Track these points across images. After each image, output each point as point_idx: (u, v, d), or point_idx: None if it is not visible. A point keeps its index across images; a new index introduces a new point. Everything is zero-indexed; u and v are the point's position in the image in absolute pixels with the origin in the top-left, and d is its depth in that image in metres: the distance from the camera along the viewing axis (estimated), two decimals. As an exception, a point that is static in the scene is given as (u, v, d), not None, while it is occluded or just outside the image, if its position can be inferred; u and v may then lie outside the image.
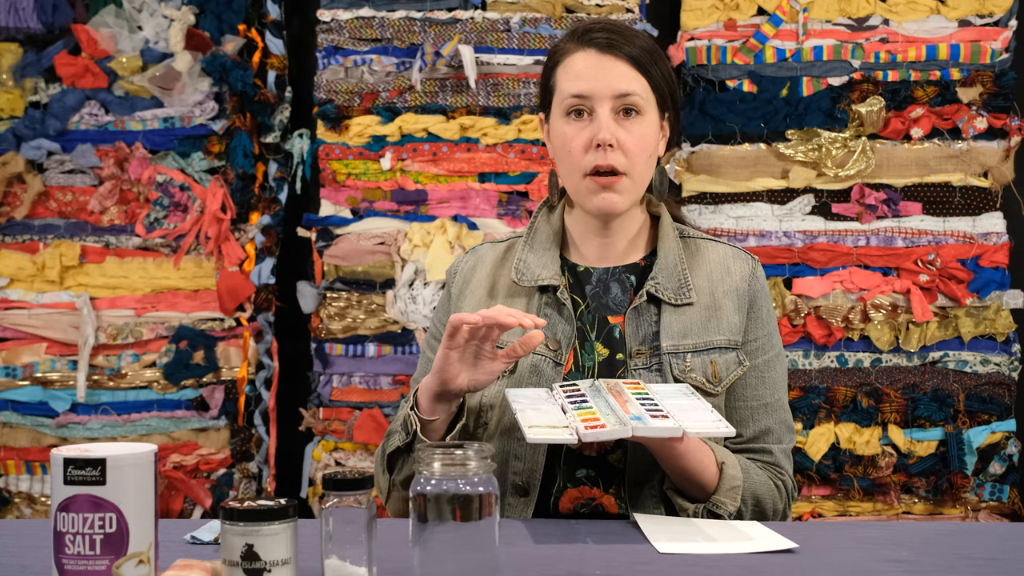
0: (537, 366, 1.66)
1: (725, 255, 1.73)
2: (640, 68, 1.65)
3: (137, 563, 1.06)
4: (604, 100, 1.64)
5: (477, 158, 3.02)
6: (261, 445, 3.08)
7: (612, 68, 1.65)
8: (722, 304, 1.68)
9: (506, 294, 1.72)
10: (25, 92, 3.11)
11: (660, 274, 1.69)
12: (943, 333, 2.95)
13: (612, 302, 1.70)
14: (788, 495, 1.69)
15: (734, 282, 1.70)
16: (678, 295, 1.67)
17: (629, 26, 1.72)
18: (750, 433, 1.68)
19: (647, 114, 1.66)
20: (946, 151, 2.97)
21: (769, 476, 1.66)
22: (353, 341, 3.04)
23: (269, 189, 3.11)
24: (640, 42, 1.67)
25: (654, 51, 1.68)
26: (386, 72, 3.05)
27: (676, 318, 1.67)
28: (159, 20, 3.08)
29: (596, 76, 1.64)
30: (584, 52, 1.66)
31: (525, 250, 1.74)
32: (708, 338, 1.66)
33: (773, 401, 1.70)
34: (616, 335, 1.68)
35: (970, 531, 1.67)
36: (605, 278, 1.72)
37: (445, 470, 1.14)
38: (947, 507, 2.96)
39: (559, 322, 1.68)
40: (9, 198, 3.11)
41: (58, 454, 1.07)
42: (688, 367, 1.64)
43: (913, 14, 2.97)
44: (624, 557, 1.32)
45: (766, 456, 1.68)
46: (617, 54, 1.65)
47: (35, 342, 3.10)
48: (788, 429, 1.72)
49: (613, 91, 1.64)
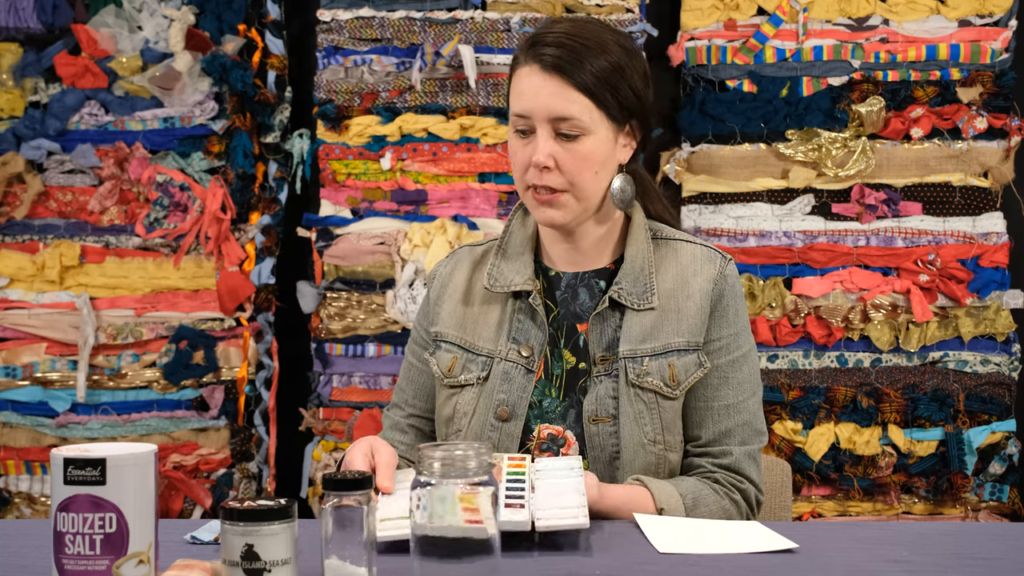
0: (508, 373, 1.66)
1: (695, 256, 1.69)
2: (584, 90, 1.58)
3: (137, 563, 1.06)
4: (543, 121, 1.59)
5: (477, 158, 3.02)
6: (261, 445, 3.09)
7: (552, 88, 1.58)
8: (683, 306, 1.65)
9: (481, 300, 1.72)
10: (25, 92, 3.11)
11: (624, 279, 1.66)
12: (943, 333, 2.95)
13: (580, 308, 1.69)
14: (750, 506, 1.65)
15: (699, 283, 1.66)
16: (641, 300, 1.65)
17: (589, 34, 1.61)
18: (709, 435, 1.64)
19: (593, 133, 1.60)
20: (946, 151, 2.97)
21: (722, 497, 1.62)
22: (353, 341, 3.04)
23: (269, 189, 3.11)
24: (592, 56, 1.59)
25: (611, 68, 1.59)
26: (386, 72, 3.05)
27: (637, 322, 1.64)
28: (159, 20, 3.08)
29: (536, 97, 1.59)
30: (529, 68, 1.61)
31: (499, 255, 1.73)
32: (667, 340, 1.63)
33: (736, 403, 1.65)
34: (580, 343, 1.67)
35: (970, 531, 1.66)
36: (574, 283, 1.70)
37: (445, 470, 1.14)
38: (947, 507, 2.96)
39: (532, 328, 1.67)
40: (9, 198, 3.11)
41: (58, 454, 1.07)
42: (644, 371, 1.61)
43: (913, 14, 2.97)
44: (624, 557, 1.32)
45: (725, 458, 1.63)
46: (560, 75, 1.58)
47: (35, 342, 3.10)
48: (755, 432, 1.66)
49: (549, 113, 1.59)
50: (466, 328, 1.71)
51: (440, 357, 1.72)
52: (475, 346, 1.69)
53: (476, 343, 1.69)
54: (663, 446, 1.62)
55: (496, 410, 1.65)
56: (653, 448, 1.61)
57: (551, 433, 1.64)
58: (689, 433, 1.66)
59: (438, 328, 1.74)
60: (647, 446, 1.61)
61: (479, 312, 1.71)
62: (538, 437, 1.64)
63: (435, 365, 1.72)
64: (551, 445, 1.64)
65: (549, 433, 1.64)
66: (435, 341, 1.74)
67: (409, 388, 1.79)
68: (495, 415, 1.64)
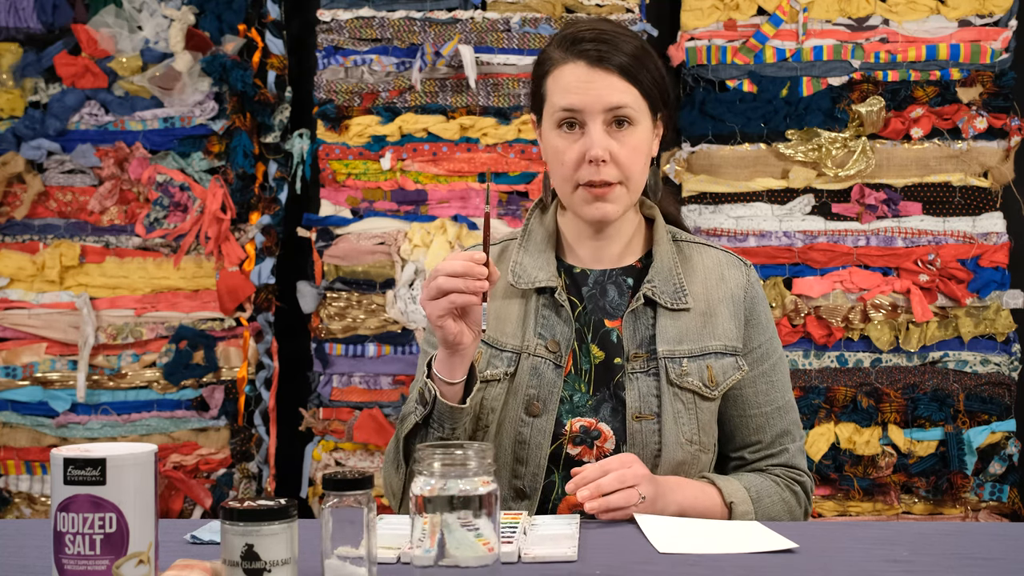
0: (537, 368, 1.66)
1: (719, 261, 1.74)
2: (630, 78, 1.63)
3: (137, 563, 1.06)
4: (595, 114, 1.62)
5: (477, 158, 3.02)
6: (261, 445, 3.08)
7: (602, 81, 1.63)
8: (717, 310, 1.69)
9: (503, 296, 1.72)
10: (25, 92, 3.11)
11: (656, 277, 1.69)
12: (943, 333, 2.95)
13: (609, 305, 1.70)
14: (807, 496, 1.73)
15: (729, 289, 1.70)
16: (674, 299, 1.68)
17: (618, 28, 1.68)
18: (768, 438, 1.71)
19: (640, 123, 1.65)
20: (946, 151, 2.97)
21: (783, 489, 1.69)
22: (353, 341, 3.04)
23: (269, 189, 3.11)
24: (629, 48, 1.64)
25: (643, 55, 1.66)
26: (386, 72, 3.05)
27: (672, 323, 1.67)
28: (159, 20, 3.08)
29: (587, 90, 1.62)
30: (574, 64, 1.64)
31: (520, 252, 1.73)
32: (704, 344, 1.67)
33: (784, 403, 1.73)
34: (613, 339, 1.68)
35: (970, 531, 1.67)
36: (602, 280, 1.72)
37: (445, 470, 1.14)
38: (947, 507, 2.96)
39: (557, 324, 1.68)
40: (9, 198, 3.11)
41: (58, 454, 1.07)
42: (684, 371, 1.65)
43: (913, 14, 2.97)
44: (624, 557, 1.32)
45: (784, 457, 1.71)
46: (607, 67, 1.62)
47: (35, 342, 3.10)
48: (799, 426, 1.76)
49: (604, 105, 1.62)
50: (488, 324, 1.71)
51: None
52: (499, 341, 1.69)
53: (500, 339, 1.69)
54: (698, 446, 1.65)
55: (527, 405, 1.65)
56: (689, 448, 1.64)
57: (583, 425, 1.65)
58: (747, 439, 1.72)
59: None
60: (684, 445, 1.63)
61: (501, 308, 1.71)
62: (570, 430, 1.65)
63: None
64: (585, 438, 1.65)
65: (581, 426, 1.65)
66: None
67: None
68: (525, 410, 1.64)
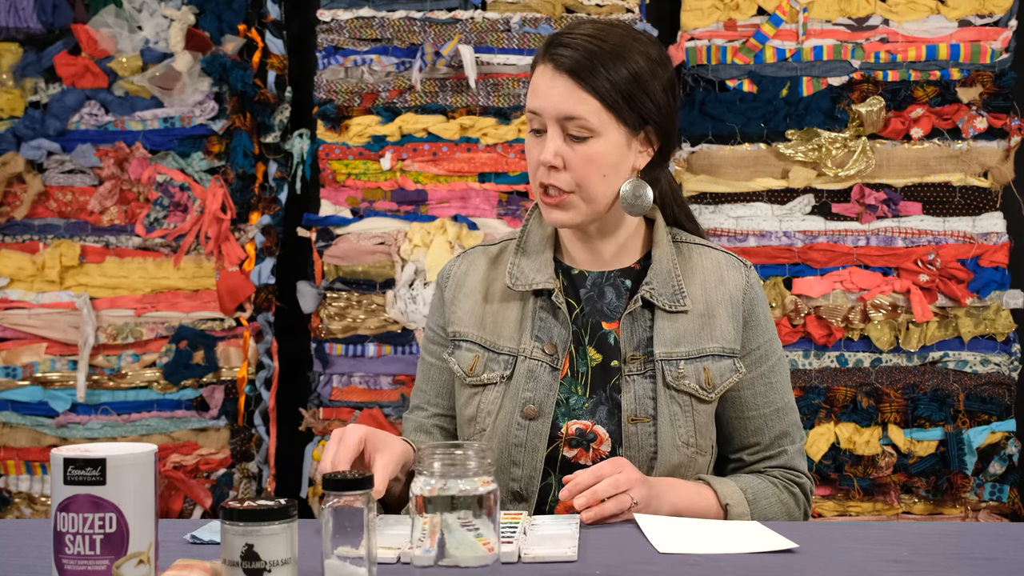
0: (534, 371, 1.66)
1: (718, 262, 1.73)
2: (594, 93, 1.58)
3: (137, 563, 1.06)
4: (552, 120, 1.61)
5: (477, 158, 3.02)
6: (261, 445, 3.08)
7: (561, 90, 1.59)
8: (716, 312, 1.68)
9: (501, 299, 1.72)
10: (25, 92, 3.11)
11: (655, 279, 1.68)
12: (943, 333, 2.95)
13: (607, 307, 1.70)
14: (806, 498, 1.72)
15: (728, 291, 1.70)
16: (673, 302, 1.67)
17: (614, 39, 1.61)
18: (767, 439, 1.71)
19: (602, 136, 1.61)
20: (946, 151, 2.97)
21: (781, 491, 1.68)
22: (353, 341, 3.04)
23: (269, 189, 3.11)
24: (609, 65, 1.58)
25: (629, 76, 1.59)
26: (386, 72, 3.05)
27: (669, 324, 1.66)
28: (159, 20, 3.08)
29: (546, 95, 1.61)
30: (544, 67, 1.63)
31: (518, 254, 1.73)
32: (701, 346, 1.66)
33: (783, 405, 1.71)
34: (610, 341, 1.68)
35: (970, 531, 1.67)
36: (600, 282, 1.71)
37: (445, 470, 1.14)
38: (947, 507, 2.96)
39: (555, 326, 1.68)
40: (9, 198, 3.11)
41: (58, 454, 1.07)
42: (681, 374, 1.64)
43: (913, 14, 2.97)
44: (624, 557, 1.32)
45: (783, 458, 1.70)
46: (570, 76, 1.59)
47: (35, 342, 3.10)
48: (799, 427, 1.74)
49: (557, 112, 1.60)
50: (486, 327, 1.71)
51: (460, 356, 1.71)
52: (496, 345, 1.69)
53: (497, 342, 1.69)
54: (694, 449, 1.65)
55: (523, 408, 1.64)
56: (685, 450, 1.63)
57: (579, 428, 1.65)
58: (746, 441, 1.71)
59: (456, 328, 1.73)
60: (680, 448, 1.63)
61: (498, 310, 1.71)
62: (566, 433, 1.64)
63: (455, 364, 1.71)
64: (580, 440, 1.64)
65: (577, 428, 1.65)
66: (453, 341, 1.73)
67: (430, 388, 1.78)
68: (521, 414, 1.64)
